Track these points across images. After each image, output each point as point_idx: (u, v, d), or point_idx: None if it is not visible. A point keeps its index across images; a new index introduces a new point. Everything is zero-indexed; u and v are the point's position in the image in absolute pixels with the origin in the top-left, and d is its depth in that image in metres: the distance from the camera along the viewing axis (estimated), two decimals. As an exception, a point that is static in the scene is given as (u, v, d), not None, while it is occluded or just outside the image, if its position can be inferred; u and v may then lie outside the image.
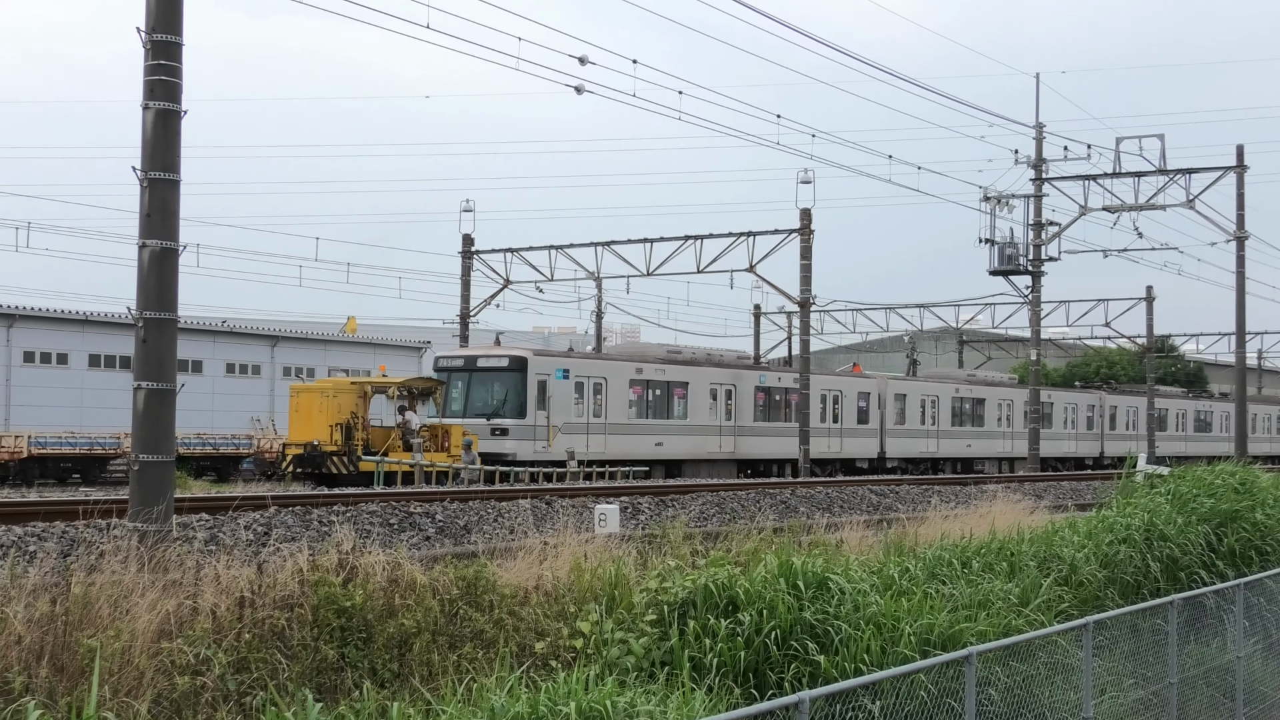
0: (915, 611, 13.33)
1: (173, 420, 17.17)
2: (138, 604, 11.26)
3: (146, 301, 16.91)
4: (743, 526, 21.54)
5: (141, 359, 16.97)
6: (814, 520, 26.13)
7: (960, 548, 17.78)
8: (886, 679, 9.98)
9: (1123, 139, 61.10)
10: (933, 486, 41.94)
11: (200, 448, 58.50)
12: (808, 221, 53.49)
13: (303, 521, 22.47)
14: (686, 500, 30.93)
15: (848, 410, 62.09)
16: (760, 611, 12.56)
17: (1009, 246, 63.03)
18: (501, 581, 13.81)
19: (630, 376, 51.84)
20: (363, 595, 12.27)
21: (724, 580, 12.99)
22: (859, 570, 14.36)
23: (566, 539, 16.69)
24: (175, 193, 17.03)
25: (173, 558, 13.14)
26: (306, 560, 12.56)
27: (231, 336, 78.14)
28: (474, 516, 25.14)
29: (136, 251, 16.97)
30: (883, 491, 38.77)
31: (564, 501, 27.99)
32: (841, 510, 33.91)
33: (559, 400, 48.35)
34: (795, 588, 13.12)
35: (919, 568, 15.98)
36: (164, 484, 16.86)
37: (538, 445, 47.35)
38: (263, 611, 11.69)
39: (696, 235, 56.54)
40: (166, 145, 16.93)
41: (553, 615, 13.56)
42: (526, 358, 48.29)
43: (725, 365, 57.10)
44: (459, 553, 18.00)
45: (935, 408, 67.71)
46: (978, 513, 26.43)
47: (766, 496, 33.64)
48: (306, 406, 43.76)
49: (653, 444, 52.07)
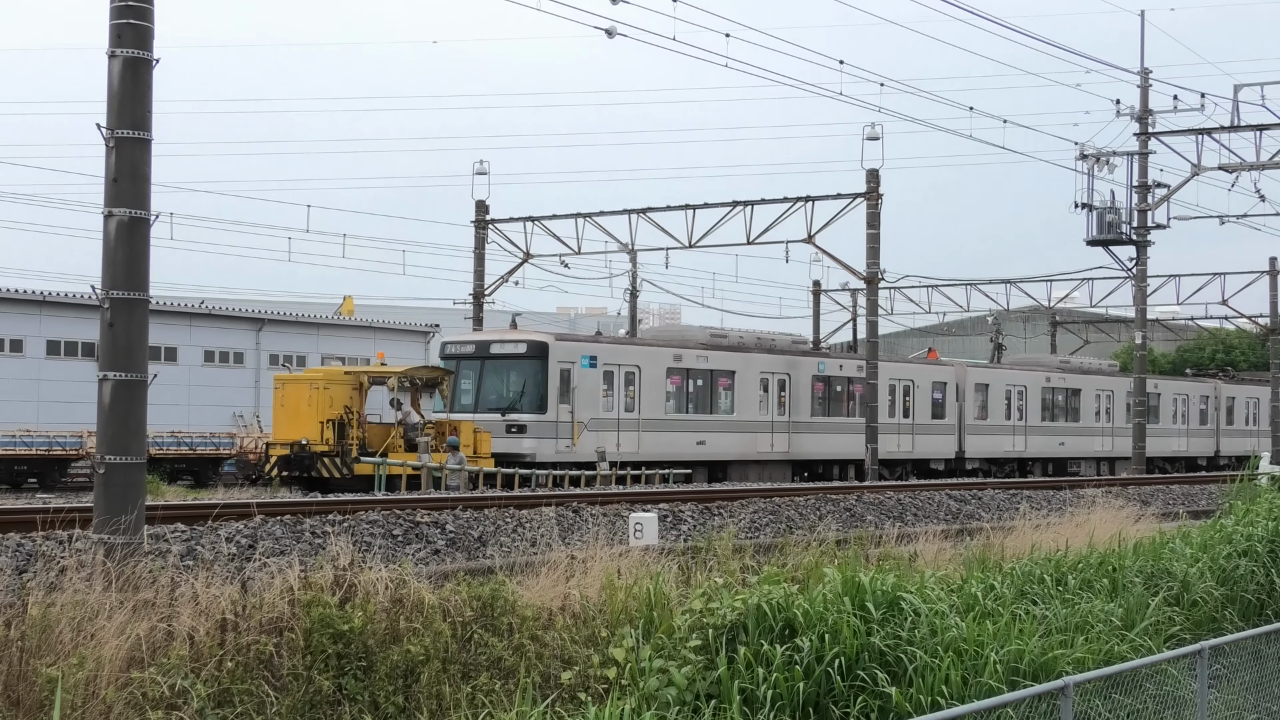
0: (1002, 636, 13.29)
1: (143, 416, 17.23)
2: (104, 627, 11.31)
3: (114, 279, 16.97)
4: (801, 538, 21.53)
5: (108, 346, 17.04)
6: (883, 530, 26.11)
7: (1054, 562, 17.72)
8: (968, 714, 9.95)
9: (1241, 86, 60.67)
10: (1021, 491, 41.82)
11: (175, 448, 58.73)
12: (875, 184, 53.35)
13: (293, 533, 22.54)
14: (735, 507, 30.88)
15: (920, 403, 61.97)
16: (822, 636, 12.53)
17: (1109, 212, 62.70)
18: (522, 602, 13.83)
19: (668, 364, 51.79)
20: (362, 617, 12.30)
21: (780, 600, 12.96)
22: (936, 588, 14.32)
23: (597, 552, 16.70)
24: (146, 154, 17.08)
25: (144, 574, 13.20)
26: (298, 577, 12.60)
27: (211, 319, 78.39)
28: (490, 526, 25.17)
29: (102, 222, 17.03)
30: (963, 497, 38.68)
31: (593, 509, 27.97)
32: (915, 519, 33.83)
33: (585, 392, 48.34)
34: (862, 609, 13.09)
35: (1006, 585, 15.93)
36: (134, 490, 16.93)
37: (560, 444, 47.31)
38: (247, 636, 11.73)
39: (746, 201, 56.46)
40: (136, 99, 16.98)
41: (581, 640, 13.57)
42: (547, 343, 48.26)
43: (778, 351, 57.01)
44: (473, 569, 18.05)
45: (1023, 400, 67.52)
46: (1073, 521, 26.34)
47: (828, 503, 33.58)
48: (293, 400, 43.83)
49: (694, 442, 52.02)
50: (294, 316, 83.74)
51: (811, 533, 23.15)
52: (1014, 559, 18.51)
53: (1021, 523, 25.34)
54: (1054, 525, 25.52)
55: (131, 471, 16.92)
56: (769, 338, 58.85)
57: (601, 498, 31.06)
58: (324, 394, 43.49)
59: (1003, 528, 25.15)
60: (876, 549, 20.89)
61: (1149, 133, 61.85)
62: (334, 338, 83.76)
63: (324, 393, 43.53)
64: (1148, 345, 67.31)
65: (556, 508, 27.55)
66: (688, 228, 57.28)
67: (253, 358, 79.37)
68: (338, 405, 43.38)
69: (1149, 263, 62.86)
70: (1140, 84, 62.02)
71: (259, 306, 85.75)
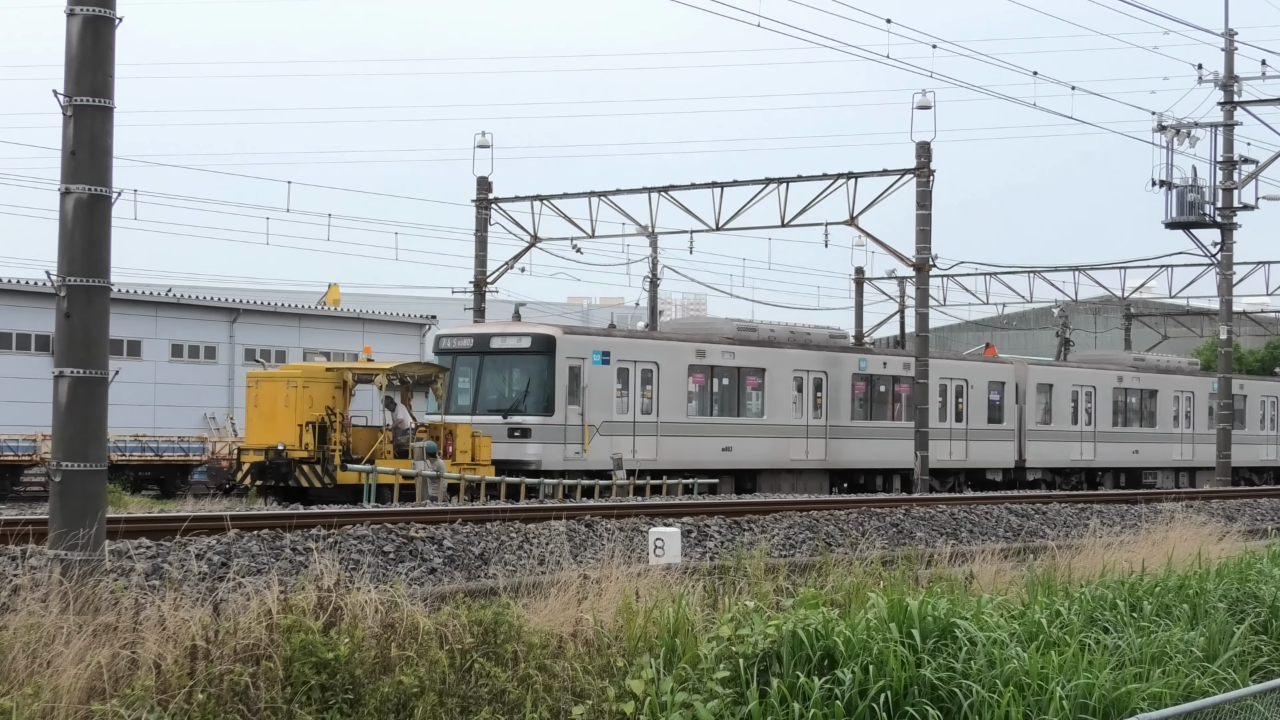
0: (1069, 668, 13.28)
1: (104, 418, 17.25)
2: (61, 654, 11.34)
3: (71, 264, 16.99)
4: (841, 556, 21.51)
5: (65, 338, 17.05)
6: (935, 548, 26.07)
7: (1127, 585, 17.71)
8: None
9: (1340, 50, 60.53)
10: (1091, 505, 41.74)
11: (139, 454, 58.85)
12: (926, 159, 53.31)
13: (271, 549, 22.57)
14: (767, 522, 30.87)
15: (975, 405, 61.88)
16: (865, 667, 12.53)
17: (1191, 191, 62.57)
18: (529, 627, 13.83)
19: (690, 361, 51.77)
20: (349, 644, 12.31)
21: (818, 626, 12.97)
22: (994, 614, 14.32)
23: (613, 572, 16.70)
24: (108, 123, 17.09)
25: (105, 595, 13.22)
26: (276, 599, 12.61)
27: (179, 309, 78.50)
28: (493, 542, 25.19)
29: (58, 200, 17.06)
30: (1025, 511, 38.63)
31: (608, 523, 27.97)
32: (971, 536, 33.80)
33: (596, 392, 48.29)
34: (911, 636, 13.09)
35: (1073, 611, 15.92)
36: (93, 500, 16.94)
37: (569, 450, 47.28)
38: (220, 665, 11.75)
39: (780, 178, 56.46)
40: (97, 62, 16.99)
41: (595, 671, 13.57)
42: (554, 336, 48.21)
43: (814, 346, 56.91)
44: (474, 589, 18.06)
45: (1091, 402, 67.43)
46: (1149, 539, 26.29)
47: (872, 517, 33.56)
48: (269, 400, 43.71)
49: (718, 448, 51.99)
50: (272, 306, 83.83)
51: (853, 551, 23.10)
52: (1083, 582, 18.49)
53: (1091, 541, 25.29)
54: (1127, 544, 25.47)
55: (91, 480, 16.93)
56: (803, 331, 58.75)
57: (617, 510, 31.07)
58: (303, 393, 43.35)
59: (1070, 546, 25.10)
60: (927, 569, 20.86)
61: (1235, 101, 61.72)
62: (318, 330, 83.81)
63: (303, 392, 43.40)
64: (1233, 341, 67.14)
65: (567, 521, 27.56)
66: (715, 208, 57.39)
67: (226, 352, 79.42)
68: (318, 406, 43.25)
69: (1235, 248, 62.76)
70: (1225, 47, 61.90)
71: (233, 295, 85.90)
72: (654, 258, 68.33)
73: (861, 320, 75.44)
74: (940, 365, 60.13)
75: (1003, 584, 19.63)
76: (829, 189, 55.57)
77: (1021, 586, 18.86)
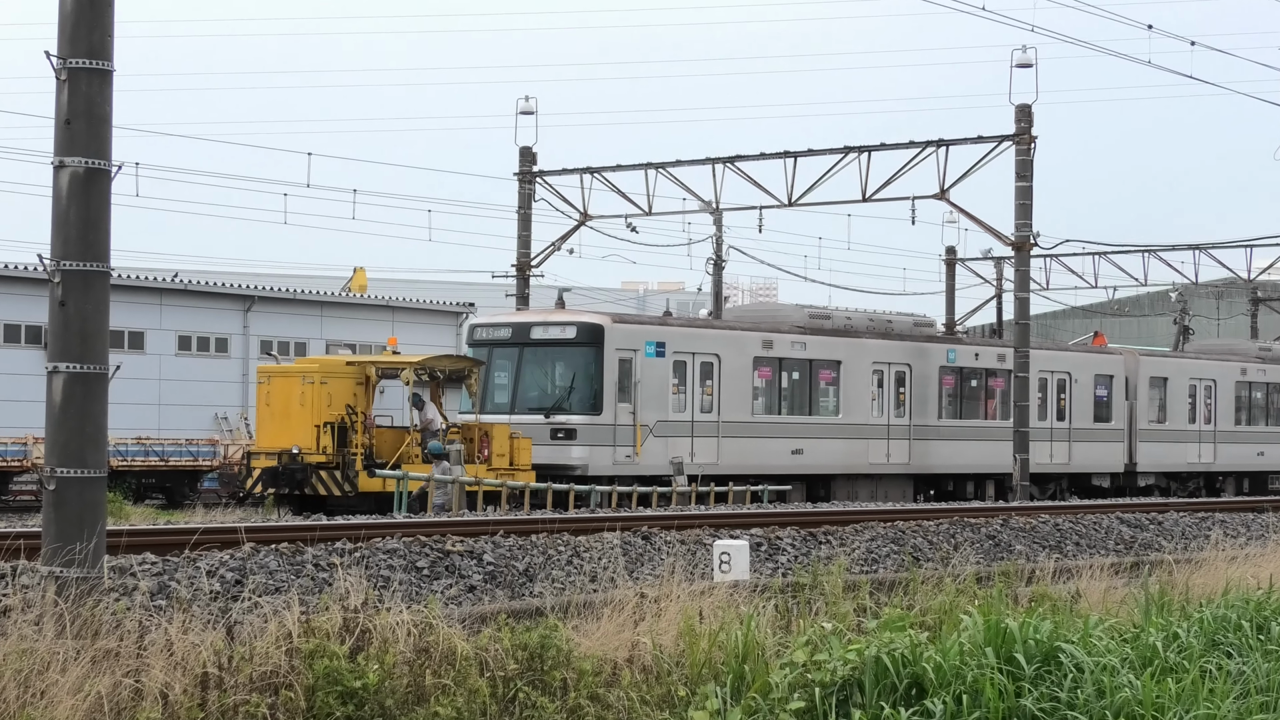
0: (1187, 698, 13.24)
1: (103, 418, 17.33)
2: (57, 683, 11.41)
3: (66, 246, 17.08)
4: (931, 572, 21.49)
5: (59, 330, 17.14)
6: (1036, 563, 26.05)
7: (1253, 604, 17.63)
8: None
9: None
10: (1213, 514, 41.64)
11: (143, 458, 59.06)
12: (1027, 124, 53.16)
13: (291, 565, 22.68)
14: (847, 534, 30.90)
15: (1080, 402, 61.62)
16: (958, 697, 12.52)
17: (1325, 158, 62.25)
18: (579, 651, 13.87)
19: (755, 353, 51.62)
20: (379, 672, 12.36)
21: (904, 651, 12.96)
22: (1104, 637, 14.29)
23: (673, 589, 16.73)
24: (107, 89, 17.17)
25: (106, 617, 13.29)
26: (297, 621, 12.67)
27: (188, 297, 78.79)
28: (539, 556, 25.26)
29: (51, 174, 17.15)
30: (1139, 521, 38.57)
31: (668, 535, 28.02)
32: (1077, 549, 33.77)
33: (650, 388, 48.18)
34: (1010, 662, 13.08)
35: (1193, 634, 15.87)
36: (92, 511, 17.03)
37: (619, 453, 47.15)
38: (235, 695, 11.81)
39: (861, 147, 56.39)
40: (94, 20, 17.07)
41: (654, 701, 13.60)
42: (602, 326, 48.07)
43: (896, 336, 56.70)
44: (517, 610, 18.10)
45: (1211, 397, 67.09)
46: (1278, 553, 26.20)
47: (965, 528, 33.56)
48: (282, 398, 43.61)
49: (787, 451, 51.82)
50: (291, 293, 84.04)
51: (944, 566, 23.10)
52: (1204, 600, 18.42)
53: (1213, 554, 25.22)
54: (1254, 557, 25.38)
55: (89, 488, 17.02)
56: (884, 319, 58.56)
57: (678, 521, 31.11)
58: (320, 390, 43.11)
59: (1189, 560, 25.03)
60: (1027, 587, 20.84)
61: (1376, 57, 61.26)
62: (342, 320, 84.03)
63: (320, 389, 43.15)
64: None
65: (621, 533, 27.61)
66: (787, 181, 57.34)
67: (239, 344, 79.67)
68: (338, 404, 43.05)
69: (1376, 223, 62.32)
70: (1365, -5, 61.50)
71: (247, 280, 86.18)
72: (718, 237, 68.17)
73: (953, 306, 75.23)
74: (1040, 356, 59.72)
75: (1113, 603, 19.58)
76: (916, 159, 55.47)
77: (1134, 606, 18.81)
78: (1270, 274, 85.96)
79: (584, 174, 60.57)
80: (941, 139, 54.92)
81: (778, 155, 57.75)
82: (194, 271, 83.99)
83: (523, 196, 60.58)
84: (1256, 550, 27.16)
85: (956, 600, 17.43)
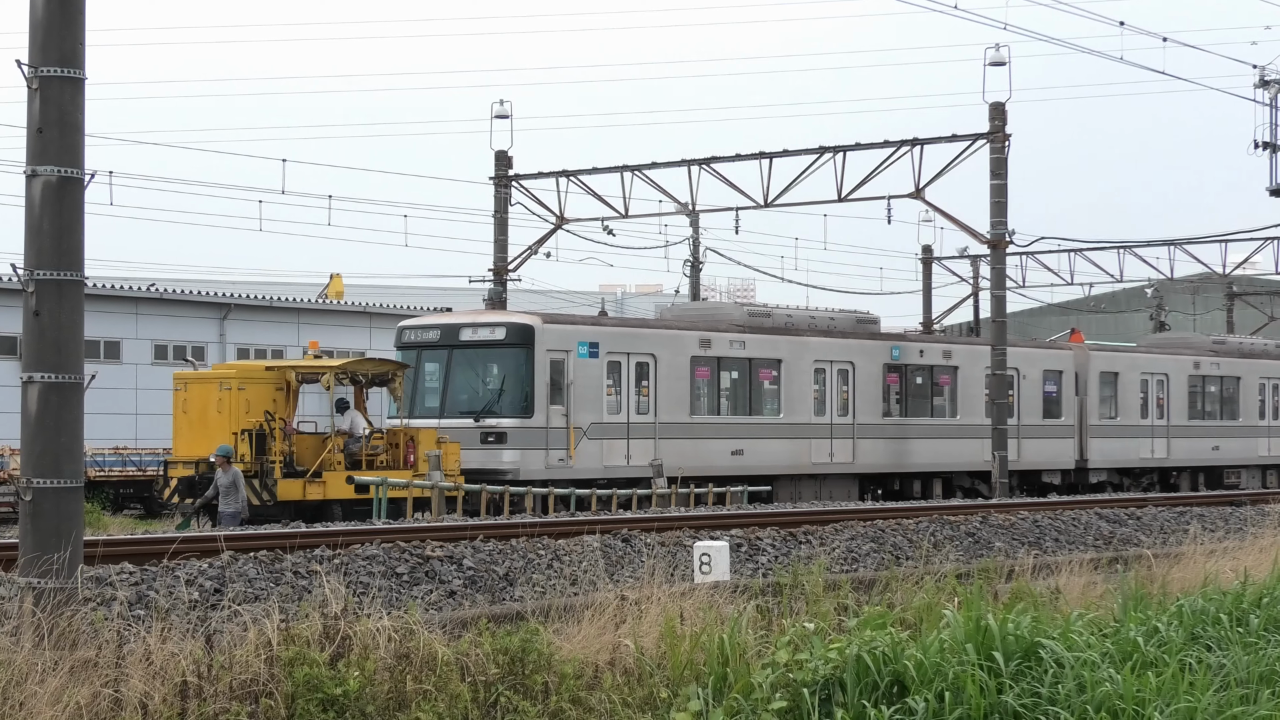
0: (1168, 691, 13.27)
1: (79, 428, 17.30)
2: (35, 694, 11.39)
3: (39, 256, 17.04)
4: (911, 570, 21.53)
5: (34, 339, 17.11)
6: (1015, 560, 26.09)
7: (1232, 597, 17.68)
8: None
9: None
10: (1190, 508, 41.76)
11: (120, 468, 58.91)
12: (1001, 122, 53.22)
13: (270, 573, 22.66)
14: (827, 533, 30.96)
15: (1028, 398, 61.19)
16: (940, 694, 12.53)
17: (1298, 153, 62.43)
18: (561, 655, 13.87)
19: (692, 353, 51.06)
20: (359, 678, 12.35)
21: (885, 649, 12.97)
22: (1084, 632, 14.31)
23: (654, 592, 16.74)
24: (79, 96, 17.14)
25: (84, 627, 13.28)
26: (277, 628, 12.65)
27: (163, 305, 78.67)
28: (518, 561, 25.27)
29: (24, 183, 17.12)
30: (1117, 516, 38.69)
31: (648, 537, 28.04)
32: (1056, 545, 33.84)
33: (583, 389, 47.69)
34: (990, 659, 13.10)
35: (1172, 627, 15.91)
36: (68, 521, 16.99)
37: (552, 457, 46.68)
38: (214, 703, 11.80)
39: (836, 147, 56.38)
40: (65, 27, 17.04)
41: (635, 703, 13.60)
42: (532, 326, 47.48)
43: (838, 334, 56.17)
44: (498, 614, 18.11)
45: (1164, 391, 66.89)
46: (1256, 545, 26.29)
47: (945, 526, 33.65)
48: (198, 405, 42.67)
49: (728, 452, 51.36)
50: (268, 301, 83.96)
51: (925, 564, 23.12)
52: (1182, 594, 18.47)
53: (1191, 548, 25.29)
54: (1232, 550, 25.45)
55: (65, 498, 16.98)
56: (825, 316, 58.01)
57: (658, 523, 31.13)
58: (238, 397, 41.99)
59: (1168, 554, 25.09)
60: (1007, 583, 20.87)
61: (1348, 50, 61.42)
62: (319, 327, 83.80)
63: (238, 395, 42.03)
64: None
65: (602, 536, 27.63)
66: (763, 182, 57.33)
67: (216, 353, 79.57)
68: (256, 411, 41.93)
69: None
70: (1336, -12, 61.72)
71: (223, 289, 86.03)
72: (695, 238, 68.30)
73: (930, 305, 75.39)
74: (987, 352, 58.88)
75: (1093, 598, 19.62)
76: (891, 158, 55.49)
77: (1114, 600, 18.85)
78: (1246, 268, 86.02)
79: (560, 177, 60.50)
80: (916, 138, 54.93)
81: (753, 156, 57.75)
82: (170, 280, 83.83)
83: (499, 201, 60.54)
84: (1235, 544, 27.21)
85: (937, 598, 17.45)
